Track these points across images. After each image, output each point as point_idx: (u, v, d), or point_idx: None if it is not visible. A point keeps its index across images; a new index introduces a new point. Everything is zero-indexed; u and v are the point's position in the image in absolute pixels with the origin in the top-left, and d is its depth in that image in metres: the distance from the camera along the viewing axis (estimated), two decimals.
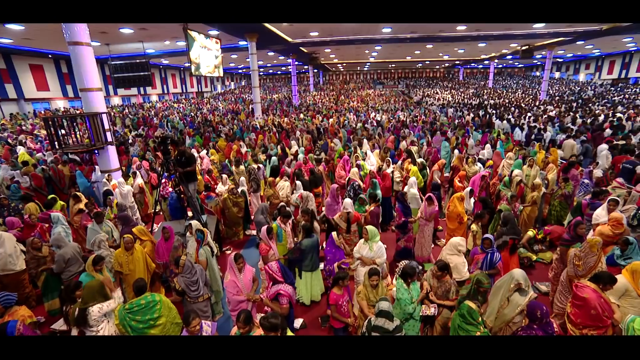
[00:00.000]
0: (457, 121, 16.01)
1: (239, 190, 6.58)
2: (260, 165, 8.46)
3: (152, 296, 3.16)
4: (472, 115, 17.72)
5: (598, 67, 38.12)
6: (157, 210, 5.76)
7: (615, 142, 8.92)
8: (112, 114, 21.67)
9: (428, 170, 7.97)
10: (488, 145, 9.75)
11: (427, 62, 40.64)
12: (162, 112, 24.47)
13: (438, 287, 3.60)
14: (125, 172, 9.09)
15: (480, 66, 45.52)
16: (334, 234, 4.51)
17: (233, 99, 34.55)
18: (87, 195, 6.96)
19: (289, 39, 18.88)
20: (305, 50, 23.97)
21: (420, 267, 3.89)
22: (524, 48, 21.32)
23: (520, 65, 47.85)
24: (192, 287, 3.46)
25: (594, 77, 38.37)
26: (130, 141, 13.04)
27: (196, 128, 16.36)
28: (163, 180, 6.48)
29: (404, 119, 17.13)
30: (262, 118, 19.12)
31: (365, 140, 10.85)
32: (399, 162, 8.37)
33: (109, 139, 7.73)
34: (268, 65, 37.71)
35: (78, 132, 8.34)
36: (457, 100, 28.57)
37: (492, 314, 3.28)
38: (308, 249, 4.44)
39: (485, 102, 25.62)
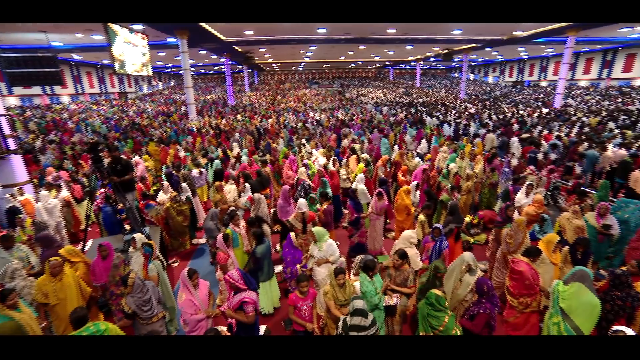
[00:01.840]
0: (392, 119, 17.05)
1: (183, 197, 6.11)
2: (203, 170, 7.98)
3: (95, 326, 2.73)
4: (404, 113, 19.07)
5: (502, 71, 44.22)
6: (88, 225, 5.04)
7: (523, 136, 10.41)
8: (10, 116, 18.37)
9: (372, 166, 8.34)
10: (424, 141, 10.58)
11: (359, 63, 42.50)
12: (78, 114, 21.55)
13: (397, 276, 3.78)
14: (37, 184, 7.79)
15: (408, 67, 49.02)
16: (292, 234, 4.44)
17: (162, 100, 31.99)
18: None
19: (223, 38, 18.12)
20: (240, 50, 23.25)
21: (375, 260, 4.05)
22: (444, 52, 23.61)
23: (442, 67, 52.81)
24: (145, 307, 3.10)
25: (499, 79, 44.30)
26: (38, 148, 11.21)
27: (123, 132, 14.76)
28: (101, 191, 5.72)
29: (343, 118, 17.72)
30: (198, 120, 18.04)
31: (308, 140, 10.95)
32: (344, 160, 8.61)
33: (11, 146, 6.55)
34: (200, 64, 35.68)
35: None
36: (389, 99, 30.44)
37: (447, 295, 3.55)
38: (263, 255, 4.32)
39: (415, 101, 27.78)
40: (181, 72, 16.49)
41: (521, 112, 17.95)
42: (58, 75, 11.40)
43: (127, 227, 5.72)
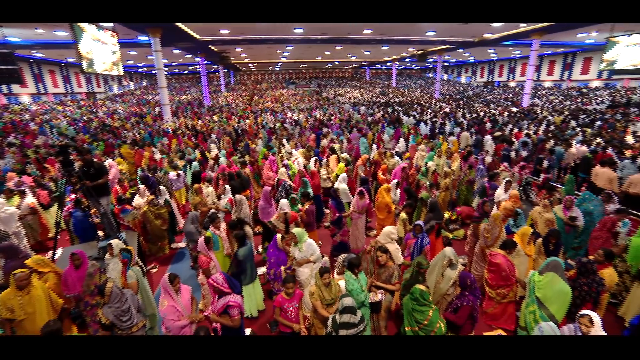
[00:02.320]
0: (370, 118, 17.28)
1: (162, 200, 5.90)
2: (180, 172, 7.75)
3: None
4: (381, 112, 19.39)
5: (474, 72, 45.94)
6: (58, 232, 4.76)
7: (495, 134, 10.85)
8: None
9: (352, 165, 8.42)
10: (402, 139, 10.80)
11: (336, 63, 42.80)
12: (41, 115, 20.30)
13: (382, 273, 3.83)
14: None
15: (384, 67, 49.89)
16: (278, 236, 4.40)
17: (135, 101, 30.77)
18: None
19: (198, 37, 17.69)
20: (216, 49, 22.79)
21: (360, 258, 4.09)
22: (419, 52, 24.22)
23: (417, 68, 54.12)
24: (124, 316, 2.96)
25: (471, 79, 46.01)
26: None
27: (93, 134, 14.06)
28: (71, 197, 5.40)
29: (321, 118, 17.78)
30: (173, 121, 17.50)
31: (287, 140, 10.91)
32: (324, 159, 8.64)
33: None
34: (174, 64, 34.61)
35: None
36: (366, 99, 30.83)
37: (430, 290, 3.64)
38: (245, 258, 4.26)
39: (392, 100, 28.30)
40: (154, 71, 15.95)
41: (493, 111, 18.73)
42: (16, 73, 10.69)
43: (100, 233, 5.45)
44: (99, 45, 11.11)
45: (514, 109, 19.41)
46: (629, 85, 26.89)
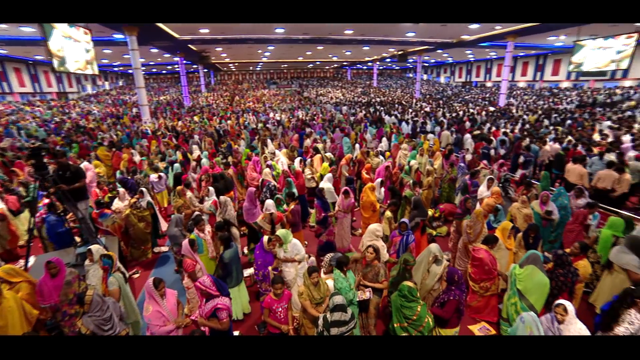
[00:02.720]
0: (352, 118, 17.41)
1: (144, 202, 5.71)
2: (162, 174, 7.54)
3: None
4: (363, 112, 19.58)
5: (452, 72, 47.16)
6: (31, 240, 4.51)
7: (475, 132, 11.17)
8: None
9: (336, 165, 8.45)
10: (384, 139, 10.93)
11: (317, 63, 42.80)
12: (7, 116, 19.23)
13: (368, 272, 3.87)
14: None
15: (365, 67, 50.37)
16: (265, 238, 4.37)
17: (110, 101, 29.68)
18: None
19: (176, 36, 17.25)
20: (195, 49, 22.31)
21: (348, 256, 4.12)
22: (400, 53, 24.63)
23: (397, 68, 54.95)
24: (105, 325, 2.85)
25: (450, 79, 47.19)
26: None
27: (65, 136, 13.45)
28: (45, 202, 5.14)
29: (304, 118, 17.77)
30: (152, 122, 17.00)
31: (269, 140, 10.83)
32: (308, 159, 8.64)
33: None
34: (152, 63, 33.59)
35: None
36: (348, 99, 31.04)
37: (417, 286, 3.71)
38: (231, 260, 4.20)
39: (373, 100, 28.62)
40: (131, 71, 15.38)
41: (471, 110, 19.29)
42: None
43: (77, 238, 5.23)
44: (71, 43, 10.65)
45: (492, 109, 20.07)
46: (594, 86, 28.39)
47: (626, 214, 5.16)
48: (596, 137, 10.54)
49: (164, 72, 46.19)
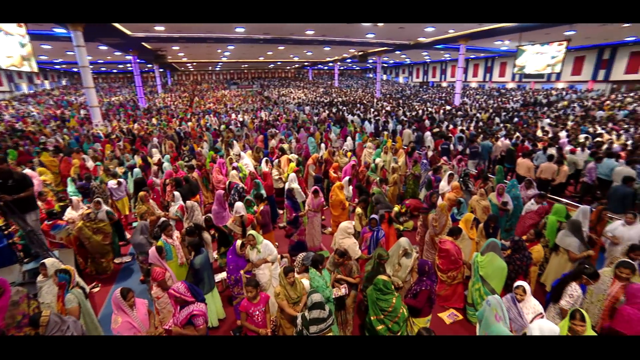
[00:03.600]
0: (316, 118, 17.53)
1: (102, 213, 5.30)
2: (121, 180, 7.07)
3: None
4: (327, 112, 19.79)
5: (410, 72, 49.19)
6: None
7: (434, 130, 11.77)
8: None
9: (303, 165, 8.48)
10: (349, 138, 11.15)
11: (279, 63, 42.58)
12: None
13: (340, 271, 3.94)
14: None
15: (327, 68, 50.92)
16: (238, 242, 4.27)
17: (52, 102, 27.15)
18: None
19: (128, 32, 16.23)
20: (149, 47, 21.15)
21: (322, 255, 4.16)
22: (360, 53, 25.21)
23: (358, 68, 56.18)
24: None
25: (409, 79, 49.18)
26: None
27: None
28: None
29: (267, 119, 17.58)
30: (105, 124, 15.84)
31: (234, 142, 10.60)
32: (274, 160, 8.59)
33: None
34: (100, 61, 31.27)
35: None
36: (310, 99, 31.17)
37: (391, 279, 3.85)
38: (202, 266, 4.07)
39: (335, 100, 29.01)
40: (76, 69, 14.15)
41: (430, 109, 20.27)
42: None
43: (20, 254, 4.72)
44: (2, 36, 9.58)
45: (448, 107, 21.24)
46: (535, 87, 31.27)
47: (565, 202, 5.78)
48: (539, 133, 11.58)
49: (114, 71, 43.29)
